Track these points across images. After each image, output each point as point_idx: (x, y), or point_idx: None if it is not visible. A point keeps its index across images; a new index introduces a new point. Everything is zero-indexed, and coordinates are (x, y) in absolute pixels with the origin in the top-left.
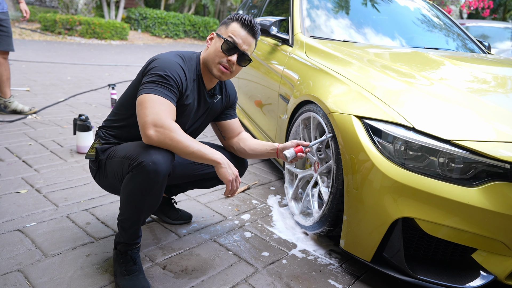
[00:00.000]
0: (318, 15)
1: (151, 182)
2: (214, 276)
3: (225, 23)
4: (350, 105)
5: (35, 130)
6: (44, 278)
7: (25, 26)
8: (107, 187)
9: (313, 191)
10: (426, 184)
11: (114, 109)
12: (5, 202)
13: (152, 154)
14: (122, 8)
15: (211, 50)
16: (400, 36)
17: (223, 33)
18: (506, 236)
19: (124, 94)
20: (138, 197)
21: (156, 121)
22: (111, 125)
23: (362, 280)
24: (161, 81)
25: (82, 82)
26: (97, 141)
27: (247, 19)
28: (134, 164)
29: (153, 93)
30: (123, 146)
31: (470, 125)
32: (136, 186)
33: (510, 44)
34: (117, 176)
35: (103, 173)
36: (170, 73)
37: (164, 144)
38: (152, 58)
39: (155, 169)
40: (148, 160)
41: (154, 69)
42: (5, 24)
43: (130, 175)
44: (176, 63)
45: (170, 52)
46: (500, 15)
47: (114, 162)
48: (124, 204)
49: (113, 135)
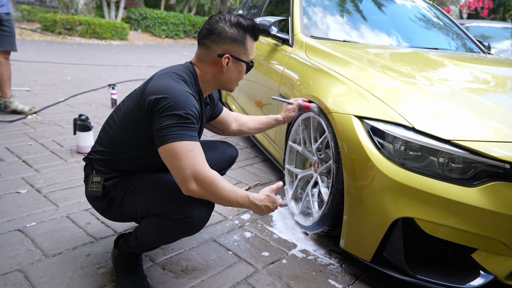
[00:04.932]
0: (318, 15)
1: (193, 233)
2: (214, 276)
3: (238, 41)
4: (350, 105)
5: (35, 130)
6: (44, 278)
7: (25, 26)
8: (118, 219)
9: (313, 191)
10: (426, 184)
11: (105, 141)
12: (5, 202)
13: (197, 207)
14: (122, 8)
15: (233, 76)
16: (400, 36)
17: (243, 57)
18: (506, 236)
19: (118, 126)
20: (172, 239)
21: (196, 174)
22: (108, 159)
23: (362, 280)
24: (183, 123)
25: (82, 82)
26: (93, 173)
27: (258, 31)
28: (176, 217)
29: (182, 140)
30: (150, 185)
31: (470, 125)
32: (175, 233)
33: (510, 44)
34: (139, 214)
35: (117, 209)
36: (189, 109)
37: (206, 198)
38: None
39: (200, 225)
40: (194, 216)
41: (170, 109)
42: (8, 24)
43: (169, 223)
44: (188, 93)
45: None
46: (500, 15)
47: (138, 203)
48: (149, 236)
49: (115, 169)
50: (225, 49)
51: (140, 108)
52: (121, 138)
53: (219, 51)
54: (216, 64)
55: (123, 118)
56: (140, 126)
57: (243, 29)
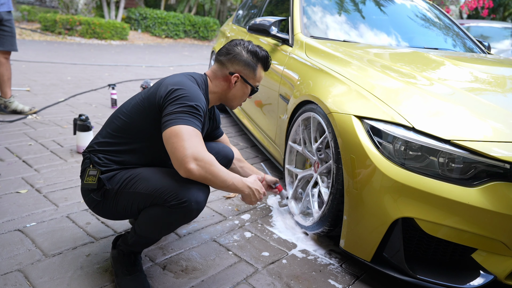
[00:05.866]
0: (318, 15)
1: (191, 217)
2: (214, 276)
3: (250, 66)
4: (350, 105)
5: (35, 130)
6: (44, 278)
7: (25, 26)
8: (110, 216)
9: (313, 191)
10: (426, 184)
11: (112, 131)
12: (5, 202)
13: (193, 191)
14: (122, 8)
15: (238, 94)
16: (400, 36)
17: (251, 81)
18: (506, 236)
19: (130, 116)
20: (171, 227)
21: (196, 154)
22: (111, 149)
23: (362, 280)
24: (193, 112)
25: (82, 82)
26: (90, 167)
27: (269, 63)
28: (174, 203)
29: (188, 124)
30: (145, 176)
31: (470, 125)
32: (174, 220)
33: (510, 44)
34: (134, 207)
35: (111, 203)
36: (200, 103)
37: (204, 178)
38: (172, 83)
39: (197, 209)
40: (191, 200)
41: (183, 99)
42: (9, 24)
43: (167, 210)
44: (200, 92)
45: (186, 77)
46: (500, 15)
47: (133, 194)
48: (148, 228)
49: (115, 161)
50: (237, 69)
51: (154, 96)
52: (127, 127)
53: (231, 70)
54: (226, 80)
55: (134, 107)
56: (148, 115)
57: (257, 57)
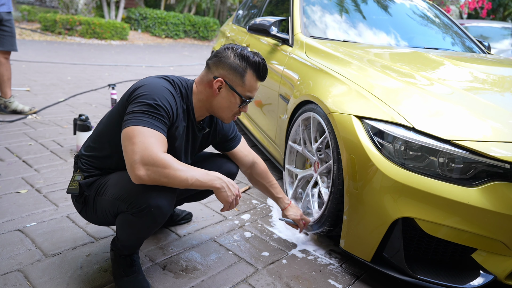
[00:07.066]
0: (318, 15)
1: (157, 222)
2: (214, 276)
3: (237, 71)
4: (350, 105)
5: (35, 130)
6: (44, 278)
7: (25, 26)
8: (95, 221)
9: (313, 191)
10: (426, 184)
11: (93, 136)
12: (5, 202)
13: (154, 196)
14: (122, 8)
15: (223, 104)
16: (400, 36)
17: (238, 89)
18: (506, 236)
19: (105, 120)
20: (142, 233)
21: (145, 158)
22: (91, 155)
23: (362, 280)
24: (150, 111)
25: (82, 82)
26: (77, 172)
27: (264, 71)
28: (135, 210)
29: (141, 125)
30: (113, 181)
31: (470, 125)
32: (140, 226)
33: (510, 44)
34: (109, 214)
35: (91, 210)
36: (160, 101)
37: (159, 182)
38: (138, 83)
39: (160, 213)
40: (151, 205)
41: (142, 97)
42: (9, 24)
43: (132, 218)
44: (166, 89)
45: (158, 76)
46: (499, 15)
47: (105, 201)
48: (123, 235)
49: (96, 167)
50: (221, 74)
51: (122, 99)
52: (104, 132)
53: (215, 74)
54: (210, 85)
55: (109, 113)
56: (117, 120)
57: (246, 61)
